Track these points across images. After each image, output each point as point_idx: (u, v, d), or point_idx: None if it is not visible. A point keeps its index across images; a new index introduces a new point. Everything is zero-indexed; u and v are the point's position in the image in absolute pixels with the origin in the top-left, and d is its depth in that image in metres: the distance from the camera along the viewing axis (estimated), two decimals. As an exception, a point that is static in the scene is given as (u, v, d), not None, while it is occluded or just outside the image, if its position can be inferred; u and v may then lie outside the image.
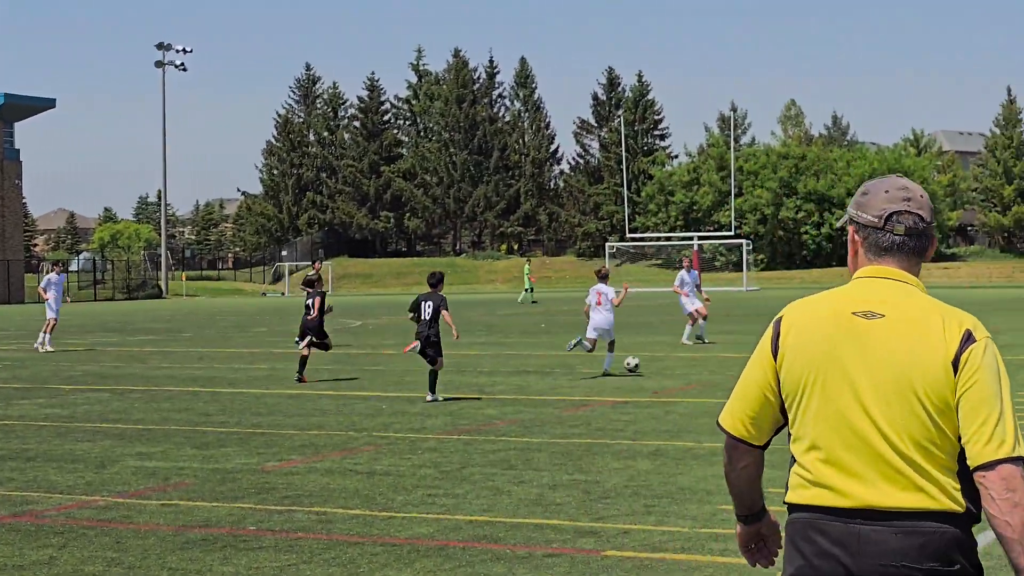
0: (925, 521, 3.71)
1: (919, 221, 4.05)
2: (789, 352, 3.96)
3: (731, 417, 4.19)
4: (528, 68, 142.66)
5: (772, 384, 4.03)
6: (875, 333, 3.85)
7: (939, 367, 3.74)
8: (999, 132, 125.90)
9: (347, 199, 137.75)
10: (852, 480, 3.81)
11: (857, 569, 3.75)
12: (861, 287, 4.00)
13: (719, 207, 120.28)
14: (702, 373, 23.96)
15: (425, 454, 14.17)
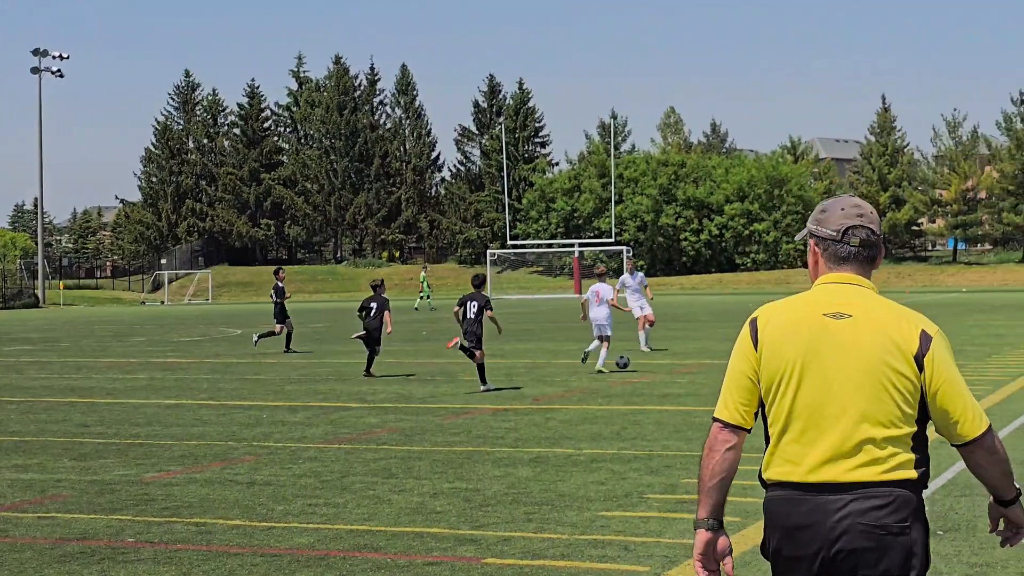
0: (883, 487, 4.40)
1: (870, 234, 4.68)
2: (768, 347, 4.58)
3: (726, 407, 4.76)
4: (409, 75, 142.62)
5: (756, 373, 4.64)
6: (845, 331, 4.51)
7: (902, 360, 4.46)
8: (874, 139, 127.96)
9: (227, 207, 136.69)
10: (824, 458, 4.46)
11: (826, 535, 4.41)
12: (826, 292, 4.65)
13: (600, 214, 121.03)
14: (582, 380, 24.11)
15: (306, 463, 14.13)
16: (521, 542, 9.91)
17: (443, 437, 16.20)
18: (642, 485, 12.31)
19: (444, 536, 10.18)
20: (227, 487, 12.67)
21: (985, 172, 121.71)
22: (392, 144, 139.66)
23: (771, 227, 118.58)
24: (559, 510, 11.15)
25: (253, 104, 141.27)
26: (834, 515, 4.39)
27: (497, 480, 12.76)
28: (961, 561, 9.00)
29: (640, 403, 19.76)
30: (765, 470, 4.75)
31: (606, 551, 9.55)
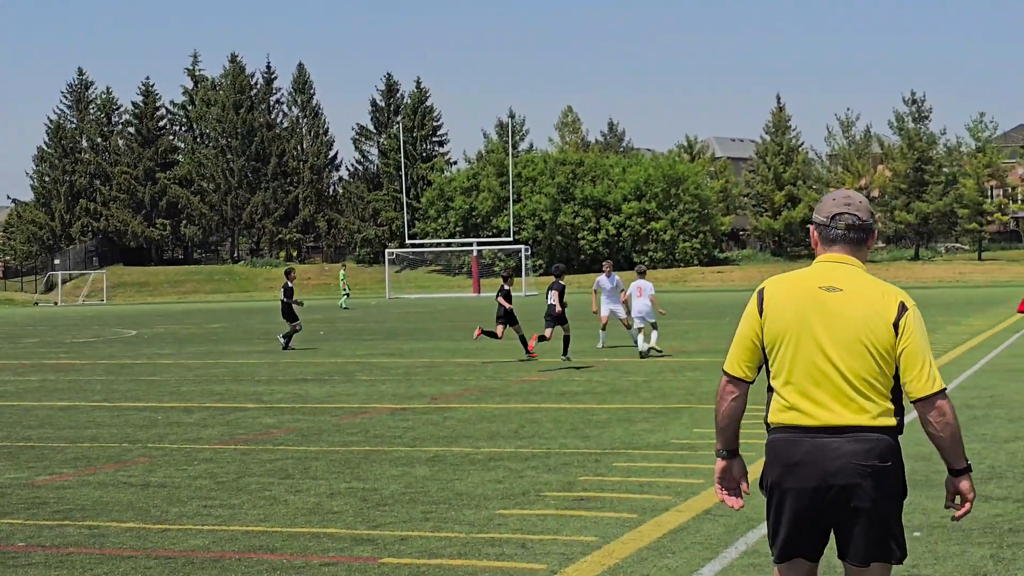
0: (869, 432, 5.34)
1: (856, 220, 5.58)
2: (771, 314, 5.52)
3: (731, 363, 5.67)
4: (306, 74, 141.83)
5: (759, 335, 5.57)
6: (836, 302, 5.44)
7: (883, 327, 5.39)
8: (769, 139, 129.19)
9: (122, 206, 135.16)
10: (818, 406, 5.39)
11: (823, 470, 5.34)
12: (822, 268, 5.59)
13: (498, 213, 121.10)
14: (480, 379, 24.12)
15: (201, 465, 14.00)
16: (418, 541, 9.88)
17: (340, 437, 16.12)
18: (539, 483, 12.32)
19: (341, 536, 10.13)
20: (121, 489, 12.51)
21: (878, 171, 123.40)
22: (289, 143, 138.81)
23: (668, 226, 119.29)
24: (456, 509, 11.13)
25: (148, 103, 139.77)
26: (831, 454, 5.33)
27: (394, 480, 12.72)
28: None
29: (538, 401, 19.79)
30: (770, 415, 5.62)
31: (503, 549, 9.55)
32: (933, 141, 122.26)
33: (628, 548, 9.48)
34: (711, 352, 29.49)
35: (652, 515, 10.62)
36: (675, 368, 25.20)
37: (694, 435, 15.40)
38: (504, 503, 11.36)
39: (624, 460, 13.60)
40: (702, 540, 9.69)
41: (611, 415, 17.73)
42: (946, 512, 10.27)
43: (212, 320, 59.01)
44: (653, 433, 15.72)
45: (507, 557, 9.29)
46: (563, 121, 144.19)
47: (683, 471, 12.76)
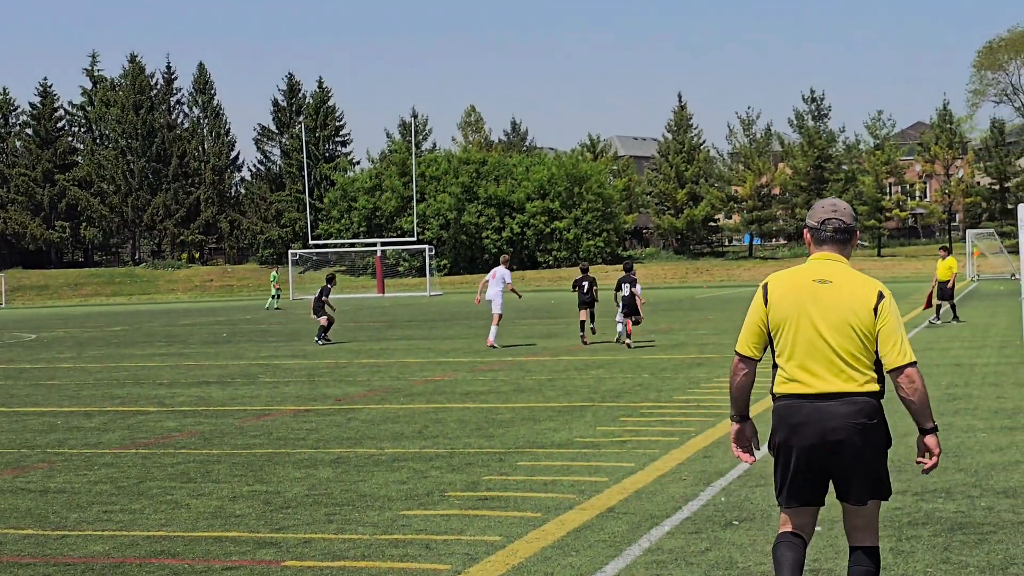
0: (858, 396, 6.57)
1: (841, 223, 6.80)
2: (774, 304, 6.77)
3: (742, 344, 6.88)
4: (207, 74, 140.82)
5: (764, 321, 6.81)
6: (827, 292, 6.67)
7: (865, 311, 6.60)
8: (671, 137, 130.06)
9: (20, 208, 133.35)
10: (815, 377, 6.60)
11: (822, 428, 6.54)
12: (815, 265, 6.81)
13: (402, 212, 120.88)
14: (384, 379, 24.03)
15: (101, 469, 13.82)
16: (321, 544, 9.82)
17: (243, 440, 15.99)
18: (443, 483, 12.29)
19: (243, 540, 10.04)
20: (19, 496, 12.32)
21: (779, 169, 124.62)
22: (190, 144, 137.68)
23: (572, 224, 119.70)
24: (360, 510, 11.07)
25: (46, 103, 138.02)
26: (828, 415, 6.54)
27: (298, 482, 12.63)
28: (756, 550, 9.16)
29: (442, 401, 19.75)
30: (775, 387, 6.76)
31: (407, 550, 9.51)
32: (832, 139, 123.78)
33: (532, 547, 9.48)
34: (614, 350, 29.62)
35: (556, 514, 10.63)
36: (579, 367, 25.27)
37: (598, 433, 15.44)
38: (408, 504, 11.32)
39: (528, 459, 13.61)
40: (606, 538, 9.71)
41: (515, 414, 17.73)
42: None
43: (113, 323, 58.35)
44: (557, 432, 15.74)
45: (411, 558, 9.26)
46: (466, 120, 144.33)
47: (587, 469, 12.78)
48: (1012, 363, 23.22)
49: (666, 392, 19.92)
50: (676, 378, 22.21)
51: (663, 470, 12.63)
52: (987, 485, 11.40)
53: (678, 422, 16.24)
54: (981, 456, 12.86)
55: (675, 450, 13.89)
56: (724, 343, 30.56)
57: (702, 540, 9.55)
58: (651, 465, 12.94)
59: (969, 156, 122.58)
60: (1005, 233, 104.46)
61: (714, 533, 9.77)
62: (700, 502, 10.99)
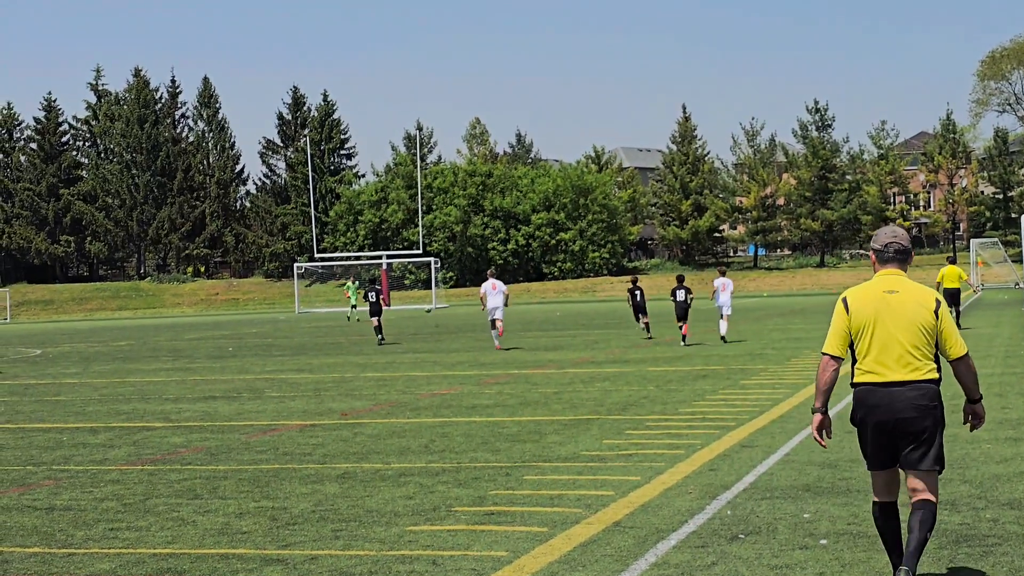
0: (921, 384, 8.16)
1: (901, 246, 8.44)
2: (854, 312, 8.33)
3: (830, 346, 8.38)
4: (211, 88, 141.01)
5: (847, 327, 8.35)
6: (896, 300, 8.26)
7: (928, 314, 8.23)
8: (676, 149, 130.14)
9: (25, 223, 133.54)
10: (887, 369, 8.19)
11: (892, 409, 8.12)
12: (883, 279, 8.40)
13: (408, 225, 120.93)
14: (391, 393, 24.03)
15: (107, 486, 13.82)
16: (328, 560, 9.82)
17: (249, 455, 15.99)
18: (450, 498, 12.29)
19: (250, 557, 10.04)
20: (25, 513, 12.33)
21: (783, 179, 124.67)
22: (195, 157, 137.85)
23: (577, 236, 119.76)
24: (367, 526, 11.07)
25: (51, 118, 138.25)
26: (898, 399, 8.13)
27: (304, 498, 12.63)
28: (763, 563, 9.15)
29: (448, 415, 19.75)
30: (855, 378, 8.32)
31: (414, 566, 9.51)
32: (836, 149, 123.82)
33: (539, 562, 9.48)
34: (620, 362, 29.60)
35: (562, 528, 10.63)
36: (584, 379, 25.26)
37: (604, 447, 15.43)
38: (415, 519, 11.32)
39: (535, 473, 13.60)
40: (612, 552, 9.71)
41: (521, 428, 17.72)
42: (851, 519, 10.43)
43: (119, 337, 58.38)
44: (563, 445, 15.73)
45: (418, 574, 9.26)
46: (471, 133, 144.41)
47: (593, 483, 12.78)
48: (1016, 373, 23.19)
49: (672, 404, 19.91)
50: (682, 390, 22.20)
51: (669, 483, 12.62)
52: (992, 497, 11.40)
53: (684, 435, 16.23)
54: (986, 467, 12.85)
55: (681, 463, 13.89)
56: (729, 355, 30.55)
57: (708, 554, 9.55)
58: (657, 479, 12.94)
59: (973, 166, 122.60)
60: (1009, 242, 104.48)
61: (720, 547, 9.77)
62: (706, 516, 10.99)
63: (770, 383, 22.90)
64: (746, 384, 22.93)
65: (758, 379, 23.84)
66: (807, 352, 30.47)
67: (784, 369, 25.86)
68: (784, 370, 25.63)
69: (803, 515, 10.83)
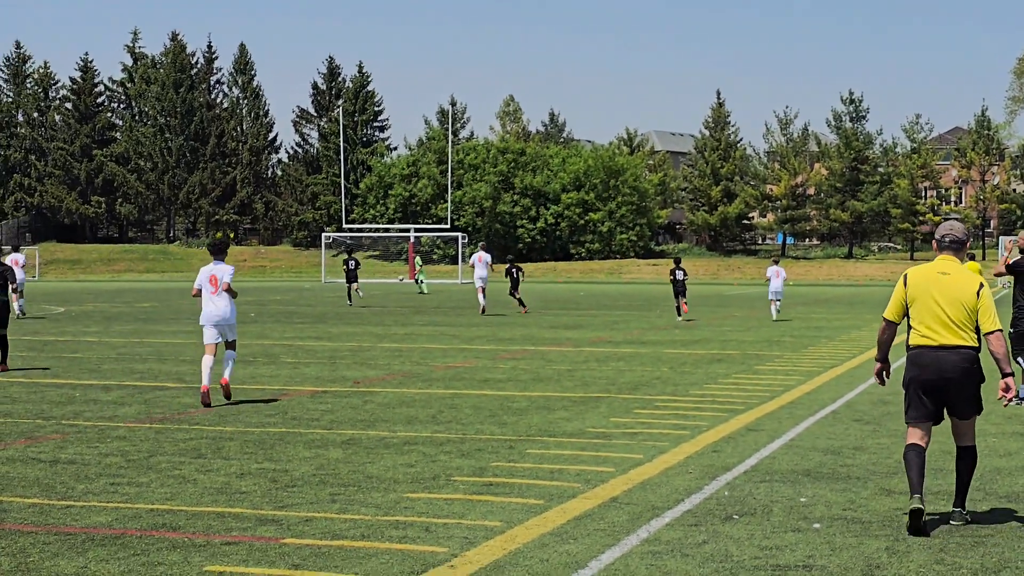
0: (964, 349, 9.83)
1: (955, 237, 10.18)
2: (911, 287, 10.06)
3: (889, 312, 10.20)
4: (247, 55, 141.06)
5: (904, 298, 10.10)
6: (947, 280, 9.94)
7: (971, 294, 9.88)
8: (708, 134, 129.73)
9: (57, 182, 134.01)
10: (937, 335, 9.85)
11: (940, 370, 9.81)
12: (939, 263, 10.10)
13: (437, 200, 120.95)
14: (405, 364, 24.07)
15: (114, 442, 13.91)
16: (323, 523, 9.88)
17: (257, 418, 16.07)
18: (451, 468, 12.33)
19: (245, 516, 10.10)
20: (29, 465, 12.42)
21: (814, 169, 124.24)
22: (228, 124, 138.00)
23: (606, 217, 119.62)
24: (365, 491, 11.13)
25: (86, 79, 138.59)
26: (944, 360, 9.82)
27: (306, 461, 12.70)
28: (753, 544, 9.17)
29: (460, 387, 19.79)
30: (910, 340, 10.03)
31: (406, 532, 9.56)
32: (869, 141, 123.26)
33: (531, 533, 9.52)
34: (637, 343, 29.60)
35: (559, 502, 10.67)
36: (600, 358, 25.27)
37: (610, 424, 15.46)
38: (413, 487, 11.36)
39: (538, 447, 13.64)
40: (605, 527, 9.74)
41: (531, 403, 17.76)
42: (847, 505, 10.43)
43: (143, 299, 58.59)
44: (570, 421, 15.77)
45: (409, 540, 9.30)
46: (504, 110, 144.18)
47: (595, 459, 12.81)
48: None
49: (683, 386, 19.91)
50: (695, 373, 22.20)
51: (671, 463, 12.64)
52: (991, 489, 11.39)
53: (691, 416, 16.24)
54: (989, 460, 12.81)
55: (685, 443, 13.91)
56: (747, 340, 30.52)
57: (700, 532, 9.57)
58: (659, 457, 12.96)
59: (1006, 163, 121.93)
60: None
61: (713, 526, 9.79)
62: (703, 495, 11.01)
63: (784, 370, 22.88)
64: (760, 369, 22.92)
65: (772, 365, 23.81)
66: (824, 341, 30.41)
67: (800, 357, 25.82)
68: (800, 358, 25.59)
69: (799, 499, 10.85)
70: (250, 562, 8.68)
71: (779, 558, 8.81)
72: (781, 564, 8.65)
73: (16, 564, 8.56)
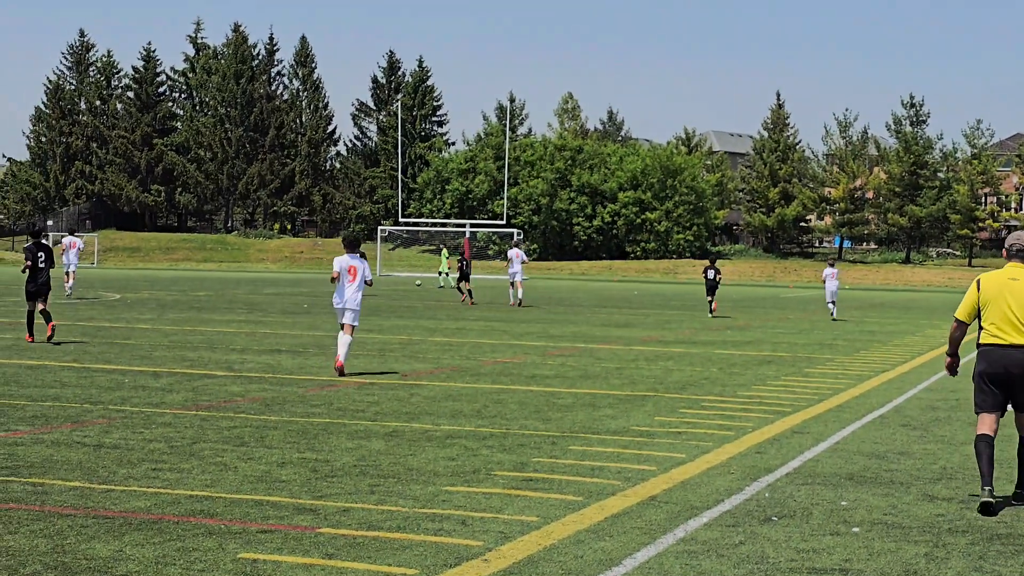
0: None
1: (1022, 247, 11.08)
2: (984, 290, 10.97)
3: (962, 313, 11.13)
4: (308, 47, 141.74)
5: (976, 300, 11.00)
6: (1016, 285, 10.87)
7: None
8: (767, 135, 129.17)
9: (117, 170, 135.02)
10: (1006, 334, 10.79)
11: (1006, 365, 10.76)
12: (1009, 270, 11.01)
13: (494, 196, 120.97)
14: (454, 358, 24.08)
15: (158, 428, 13.98)
16: (360, 513, 9.87)
17: (303, 408, 16.11)
18: (492, 462, 12.31)
19: (283, 505, 10.12)
20: (73, 449, 12.50)
21: (873, 172, 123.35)
22: (288, 115, 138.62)
23: (663, 216, 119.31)
24: (404, 483, 11.12)
25: (148, 68, 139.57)
26: (1011, 357, 10.72)
27: (348, 452, 12.71)
28: (790, 546, 9.10)
29: (507, 383, 19.77)
30: (980, 340, 10.93)
31: (443, 525, 9.54)
32: (929, 146, 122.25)
33: (567, 529, 9.48)
34: (687, 343, 29.49)
35: (597, 499, 10.63)
36: (650, 357, 25.20)
37: (655, 423, 15.40)
38: (452, 480, 11.35)
39: (580, 444, 13.60)
40: (642, 525, 9.69)
41: (576, 399, 17.72)
42: (888, 510, 10.34)
43: (199, 288, 58.94)
44: (615, 419, 15.71)
45: (445, 533, 9.29)
46: (563, 107, 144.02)
47: (637, 457, 12.76)
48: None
49: (731, 387, 19.81)
50: (744, 374, 22.09)
51: (713, 463, 12.58)
52: (1036, 498, 11.26)
53: (737, 417, 16.16)
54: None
55: (728, 444, 13.83)
56: (799, 343, 30.34)
57: (738, 533, 9.51)
58: (702, 457, 12.89)
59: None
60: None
61: (751, 527, 9.72)
62: (743, 496, 10.94)
63: (834, 373, 22.72)
64: (810, 372, 22.77)
65: (823, 368, 23.66)
66: (877, 345, 30.20)
67: (851, 360, 25.64)
68: (851, 361, 25.42)
69: (840, 502, 10.76)
70: (284, 550, 8.68)
71: (816, 561, 8.73)
72: (817, 567, 8.57)
73: (53, 546, 8.60)
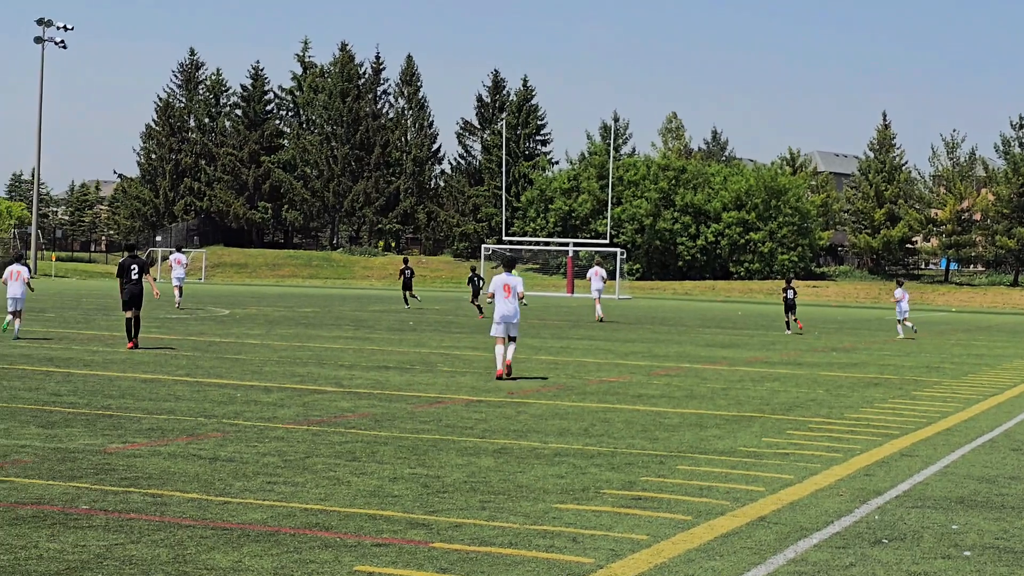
0: None
1: None
2: None
3: None
4: (414, 66, 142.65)
5: None
6: None
7: None
8: (873, 156, 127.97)
9: (225, 187, 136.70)
10: None
11: None
12: None
13: (597, 215, 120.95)
14: (560, 376, 24.18)
15: (272, 443, 14.22)
16: (472, 529, 10.00)
17: (412, 424, 16.29)
18: (600, 480, 12.40)
19: (396, 519, 10.27)
20: (190, 461, 12.75)
21: (981, 194, 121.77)
22: (393, 134, 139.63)
23: (767, 237, 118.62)
24: (514, 500, 11.24)
25: (256, 86, 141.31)
26: None
27: (458, 468, 12.85)
28: (901, 569, 9.10)
29: (613, 402, 19.84)
30: None
31: (554, 542, 9.64)
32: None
33: (677, 548, 9.55)
34: (793, 364, 29.36)
35: (707, 518, 10.67)
36: (755, 378, 25.14)
37: (762, 444, 15.40)
38: (562, 497, 11.45)
39: (688, 464, 13.65)
40: (752, 545, 9.73)
41: (683, 419, 17.75)
42: (1000, 534, 10.30)
43: (305, 304, 59.53)
44: (722, 439, 15.73)
45: (556, 549, 9.39)
46: (667, 127, 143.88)
47: (745, 478, 12.78)
48: None
49: (838, 409, 19.73)
50: (851, 396, 21.99)
51: (821, 484, 12.57)
52: None
53: (845, 439, 16.11)
54: None
55: (837, 466, 13.81)
56: (905, 365, 30.09)
57: (848, 555, 9.52)
58: (810, 479, 12.89)
59: None
60: None
61: (861, 550, 9.72)
62: (853, 518, 10.94)
63: (942, 396, 22.54)
64: (918, 395, 22.61)
65: (931, 391, 23.48)
66: (986, 369, 29.89)
67: (959, 383, 25.41)
68: (959, 384, 25.19)
69: (951, 526, 10.72)
70: (399, 564, 8.83)
71: (927, 584, 8.74)
72: (929, 590, 8.58)
73: (174, 555, 8.82)
